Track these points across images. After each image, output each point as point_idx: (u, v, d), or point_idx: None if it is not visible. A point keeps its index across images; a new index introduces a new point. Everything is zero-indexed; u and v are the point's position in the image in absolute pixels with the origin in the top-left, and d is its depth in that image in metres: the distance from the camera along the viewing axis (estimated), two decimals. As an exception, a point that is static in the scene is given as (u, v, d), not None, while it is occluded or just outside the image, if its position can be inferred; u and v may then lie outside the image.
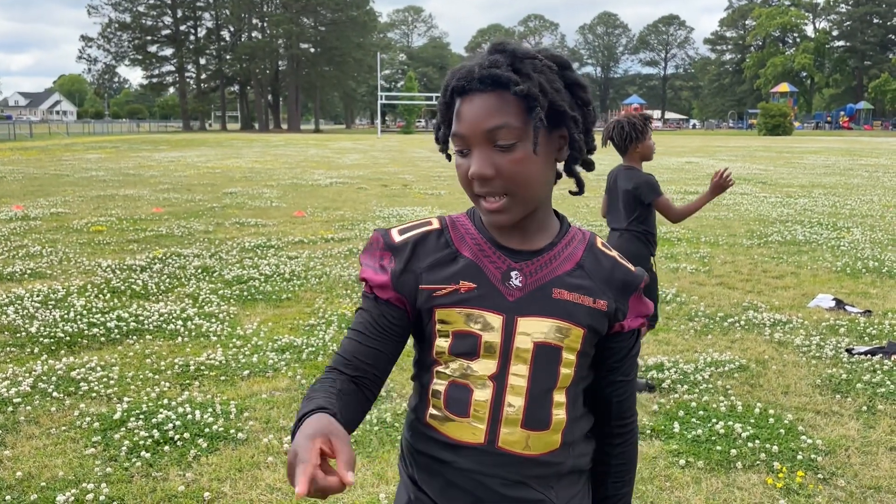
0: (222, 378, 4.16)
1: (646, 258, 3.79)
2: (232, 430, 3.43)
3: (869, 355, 4.57)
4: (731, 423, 3.52)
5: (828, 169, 20.52)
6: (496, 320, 1.08)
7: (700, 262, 7.58)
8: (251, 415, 3.65)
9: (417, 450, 1.17)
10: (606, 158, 4.06)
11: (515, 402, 1.09)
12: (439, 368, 1.13)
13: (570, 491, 1.16)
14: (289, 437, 3.36)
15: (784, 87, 72.17)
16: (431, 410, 1.14)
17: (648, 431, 3.48)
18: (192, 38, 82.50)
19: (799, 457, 3.21)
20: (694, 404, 3.78)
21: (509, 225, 1.10)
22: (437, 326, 1.11)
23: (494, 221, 1.09)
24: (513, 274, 1.10)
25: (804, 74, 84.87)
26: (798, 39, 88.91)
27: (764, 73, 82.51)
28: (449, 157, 1.18)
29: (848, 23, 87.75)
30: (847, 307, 5.78)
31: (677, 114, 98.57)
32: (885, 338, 4.98)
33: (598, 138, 1.38)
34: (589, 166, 1.18)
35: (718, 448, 3.28)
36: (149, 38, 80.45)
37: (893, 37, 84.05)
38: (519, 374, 1.09)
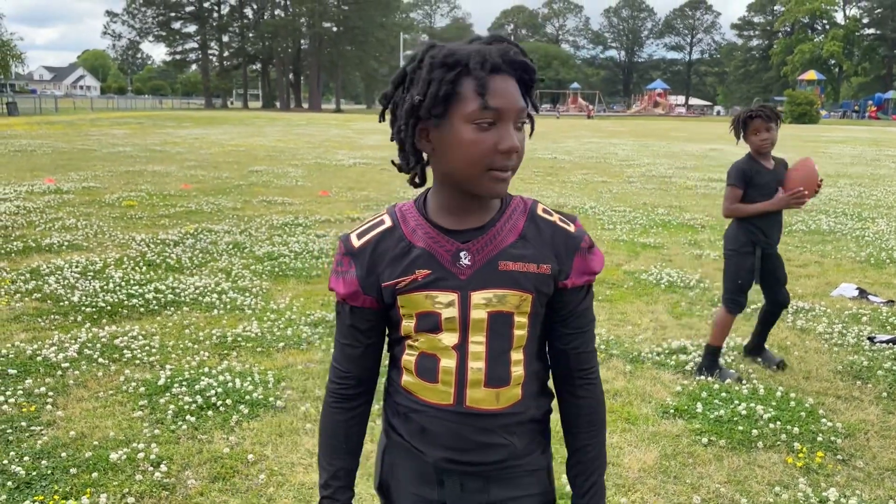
0: (258, 349, 4.31)
1: (744, 244, 3.92)
2: (271, 399, 3.58)
3: (891, 344, 4.63)
4: (752, 405, 3.61)
5: (854, 159, 20.31)
6: (451, 298, 1.20)
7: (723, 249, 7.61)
8: (288, 384, 3.80)
9: (395, 401, 1.32)
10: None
11: (477, 366, 1.22)
12: (409, 342, 1.27)
13: (529, 437, 1.30)
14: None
15: (811, 74, 70.97)
16: (405, 378, 1.28)
17: (672, 411, 3.59)
18: (215, 15, 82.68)
19: (819, 438, 3.30)
20: (717, 386, 3.88)
21: (502, 195, 1.22)
22: (402, 311, 1.24)
23: (501, 191, 1.19)
24: (462, 254, 1.21)
25: (832, 62, 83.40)
26: (827, 26, 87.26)
27: (791, 59, 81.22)
28: (398, 137, 1.23)
29: (879, 10, 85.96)
30: (870, 297, 5.83)
31: (702, 100, 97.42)
32: (908, 327, 5.03)
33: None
34: None
35: (740, 428, 3.38)
36: (173, 14, 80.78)
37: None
38: (478, 342, 1.22)
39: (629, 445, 3.23)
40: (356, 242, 1.26)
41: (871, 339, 4.75)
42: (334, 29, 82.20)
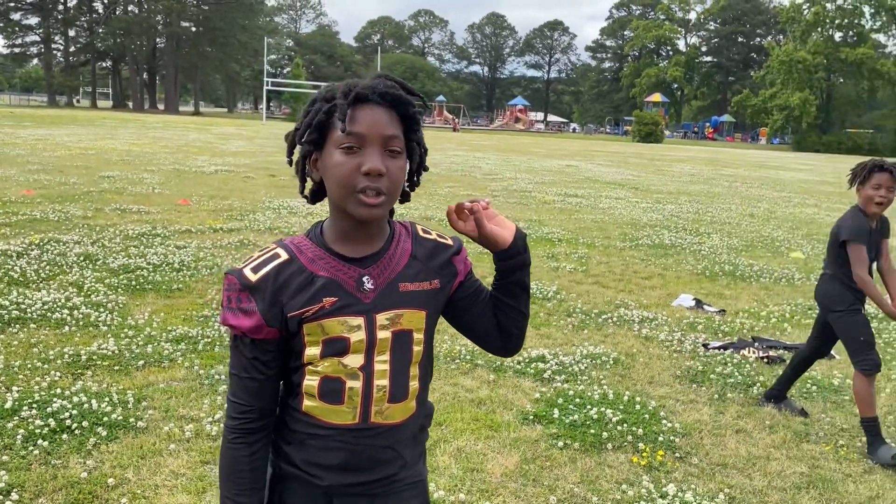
0: (116, 368, 4.13)
1: (849, 301, 3.63)
2: (131, 419, 3.45)
3: (722, 350, 5.15)
4: (603, 409, 3.91)
5: (693, 178, 22.10)
6: (359, 322, 1.30)
7: (578, 262, 8.11)
8: (150, 404, 3.67)
9: (291, 429, 1.37)
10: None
11: (381, 384, 1.33)
12: (311, 367, 1.32)
13: (417, 448, 1.44)
14: (191, 426, 3.43)
15: (657, 96, 76.47)
16: (307, 402, 1.33)
17: (532, 417, 3.81)
18: (60, 7, 76.93)
19: (660, 438, 3.63)
20: (571, 392, 4.16)
21: (377, 219, 1.31)
22: (307, 339, 1.30)
23: (370, 215, 1.28)
24: (364, 279, 1.32)
25: (675, 86, 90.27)
26: (671, 52, 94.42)
27: (639, 82, 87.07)
28: (291, 161, 1.37)
29: (715, 40, 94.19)
30: (705, 306, 6.42)
31: (559, 117, 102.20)
32: (736, 334, 5.60)
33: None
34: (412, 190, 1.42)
35: (592, 431, 3.65)
36: (11, 4, 74.30)
37: (755, 55, 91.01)
38: (382, 361, 1.33)
39: (492, 451, 3.41)
40: (252, 276, 1.30)
41: (705, 345, 5.25)
42: (193, 29, 78.89)
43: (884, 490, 3.27)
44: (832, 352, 5.23)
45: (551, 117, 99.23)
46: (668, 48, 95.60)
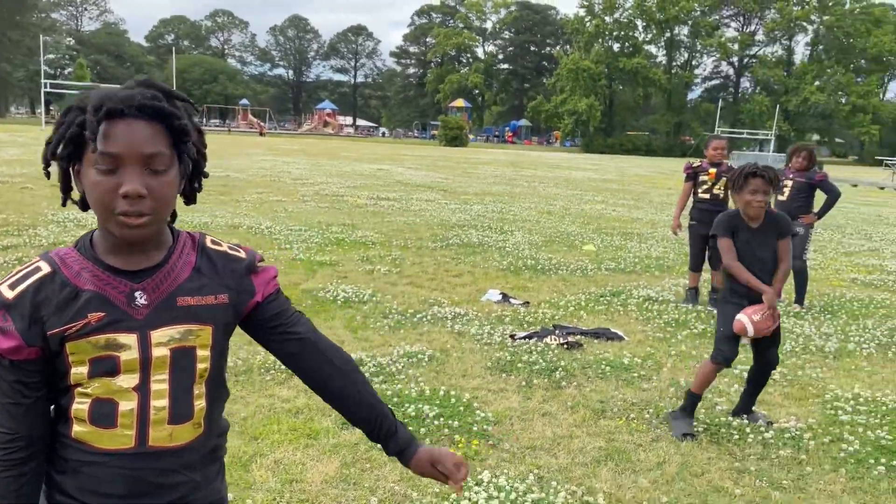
0: None
1: (728, 291, 3.84)
2: None
3: (527, 339, 5.47)
4: (420, 405, 4.00)
5: (496, 179, 23.24)
6: (130, 339, 1.21)
7: (392, 263, 8.22)
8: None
9: (62, 457, 1.26)
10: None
11: (160, 404, 1.24)
12: (80, 390, 1.22)
13: (212, 468, 1.36)
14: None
15: (460, 102, 79.43)
16: (77, 428, 1.23)
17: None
18: None
19: (474, 428, 3.79)
20: (389, 392, 4.21)
21: (143, 240, 1.22)
22: (71, 358, 1.20)
23: (134, 236, 1.19)
24: (136, 294, 1.22)
25: (476, 92, 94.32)
26: (471, 60, 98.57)
27: (443, 88, 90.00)
28: (48, 174, 1.26)
29: (511, 48, 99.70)
30: (511, 300, 6.79)
31: (368, 121, 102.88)
32: (539, 324, 5.98)
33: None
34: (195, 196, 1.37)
35: (410, 428, 3.69)
36: None
37: (546, 64, 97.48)
38: (160, 380, 1.24)
39: (311, 460, 3.36)
40: (9, 294, 1.18)
41: (512, 336, 5.54)
42: (-47, 23, 69.82)
43: (669, 455, 3.65)
44: (621, 333, 5.76)
45: (360, 121, 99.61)
46: (469, 55, 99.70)
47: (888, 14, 74.36)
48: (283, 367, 4.48)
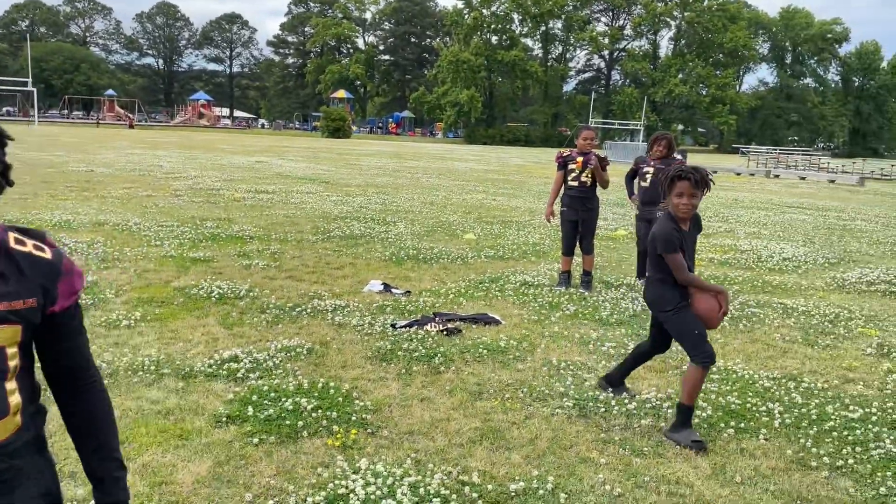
0: None
1: (676, 300, 3.70)
2: None
3: (408, 328, 5.52)
4: (298, 399, 3.96)
5: (380, 170, 23.20)
6: None
7: (271, 257, 8.05)
8: None
9: None
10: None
11: None
12: None
13: (38, 459, 1.36)
14: None
15: (342, 93, 78.61)
16: None
17: (225, 419, 3.72)
18: None
19: (353, 418, 3.80)
20: (266, 388, 4.14)
21: None
22: None
23: None
24: None
25: (358, 83, 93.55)
26: (352, 50, 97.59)
27: (324, 78, 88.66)
28: None
29: (391, 39, 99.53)
30: (392, 290, 6.82)
31: (247, 113, 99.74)
32: (420, 312, 6.05)
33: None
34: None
35: (287, 423, 3.68)
36: None
37: (427, 55, 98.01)
38: None
39: (182, 461, 3.26)
40: None
41: (393, 325, 5.58)
42: None
43: (540, 431, 3.81)
44: (498, 317, 5.93)
45: (238, 113, 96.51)
46: (349, 46, 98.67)
47: (742, 11, 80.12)
48: (151, 367, 4.34)
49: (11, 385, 1.28)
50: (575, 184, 7.17)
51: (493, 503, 3.05)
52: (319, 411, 3.83)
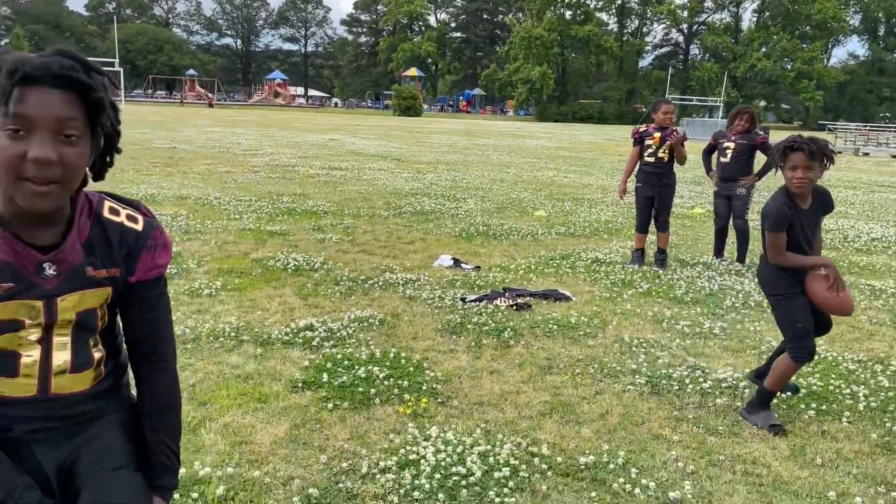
0: None
1: (785, 285, 3.47)
2: None
3: (477, 302, 5.55)
4: (370, 367, 4.05)
5: (450, 148, 23.22)
6: (37, 305, 1.26)
7: (344, 232, 8.20)
8: None
9: None
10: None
11: (63, 357, 1.31)
12: None
13: (118, 401, 1.46)
14: None
15: (413, 71, 78.78)
16: None
17: (301, 385, 3.84)
18: None
19: (424, 387, 3.86)
20: (340, 356, 4.25)
21: (49, 210, 1.23)
22: None
23: (38, 205, 1.19)
24: (45, 266, 1.26)
25: (430, 61, 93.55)
26: (423, 28, 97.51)
27: (396, 57, 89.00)
28: None
29: (463, 16, 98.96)
30: (462, 265, 6.85)
31: (320, 91, 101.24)
32: (490, 287, 6.06)
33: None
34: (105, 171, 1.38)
35: (360, 390, 3.77)
36: None
37: (499, 32, 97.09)
38: (63, 335, 1.31)
39: (260, 423, 3.39)
40: None
41: (462, 299, 5.61)
42: None
43: (611, 406, 3.77)
44: (568, 293, 5.89)
45: (312, 92, 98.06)
46: (421, 23, 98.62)
47: (832, -20, 75.92)
48: (231, 333, 4.50)
49: (97, 341, 1.38)
50: (651, 160, 7.00)
51: (563, 475, 3.05)
52: (391, 380, 3.91)
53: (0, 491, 1.25)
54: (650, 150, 7.01)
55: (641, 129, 7.18)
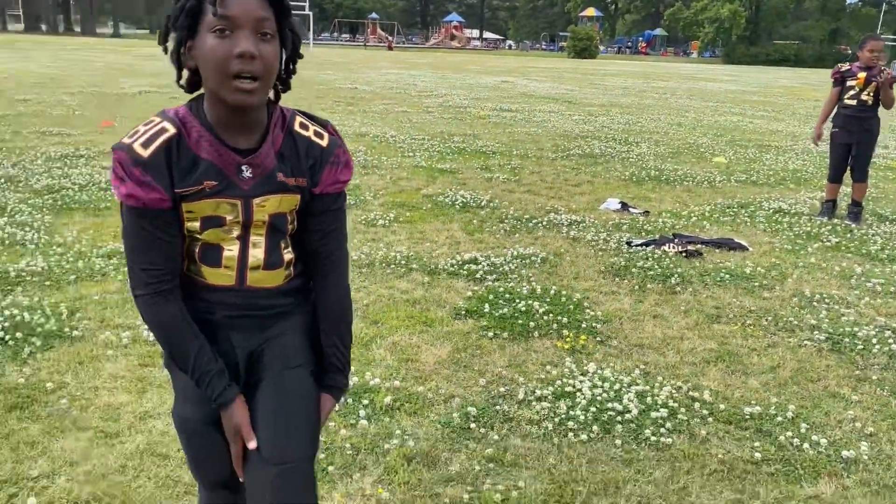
0: (47, 283, 4.10)
1: None
2: (66, 329, 3.48)
3: (644, 247, 5.40)
4: (531, 302, 4.10)
5: (625, 90, 22.33)
6: (236, 203, 1.40)
7: (511, 172, 8.24)
8: (84, 315, 3.69)
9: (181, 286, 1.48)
10: None
11: (257, 255, 1.47)
12: (193, 235, 1.42)
13: (304, 302, 1.59)
14: (128, 333, 3.48)
15: (591, 11, 75.81)
16: (188, 264, 1.46)
17: (464, 313, 3.98)
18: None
19: (583, 325, 3.86)
20: (502, 289, 4.34)
21: (254, 107, 1.36)
22: (186, 215, 1.39)
23: (244, 101, 1.32)
24: (243, 168, 1.40)
25: (608, 0, 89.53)
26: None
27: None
28: (166, 49, 1.38)
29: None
30: (630, 209, 6.67)
31: (495, 34, 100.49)
32: (658, 233, 5.87)
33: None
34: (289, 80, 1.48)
35: (520, 322, 3.85)
36: None
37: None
38: (258, 235, 1.46)
39: (426, 344, 3.57)
40: (143, 152, 1.34)
41: (628, 243, 5.49)
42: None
43: (784, 361, 3.58)
44: (745, 243, 5.57)
45: (487, 34, 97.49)
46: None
47: None
48: (402, 262, 4.74)
49: (287, 243, 1.51)
50: (853, 102, 6.35)
51: (725, 422, 2.97)
52: (550, 315, 3.95)
53: (197, 372, 1.45)
54: (852, 92, 6.35)
55: (843, 69, 6.50)
